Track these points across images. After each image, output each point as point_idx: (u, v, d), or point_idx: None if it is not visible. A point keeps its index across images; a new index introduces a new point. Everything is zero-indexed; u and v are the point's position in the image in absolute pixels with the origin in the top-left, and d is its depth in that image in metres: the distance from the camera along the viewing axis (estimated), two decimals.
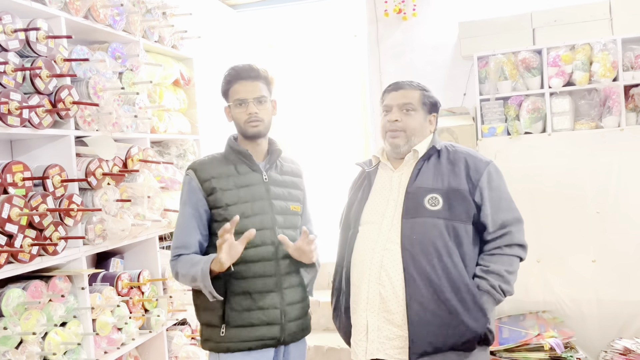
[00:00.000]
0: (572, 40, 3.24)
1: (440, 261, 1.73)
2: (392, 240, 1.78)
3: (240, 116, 1.88)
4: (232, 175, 1.87)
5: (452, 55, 3.92)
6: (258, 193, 1.88)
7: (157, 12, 2.77)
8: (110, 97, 2.32)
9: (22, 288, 1.95)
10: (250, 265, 1.83)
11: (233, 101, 1.89)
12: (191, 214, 1.85)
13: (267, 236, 1.86)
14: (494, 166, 1.87)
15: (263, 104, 1.89)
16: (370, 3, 4.09)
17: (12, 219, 1.83)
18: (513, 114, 3.34)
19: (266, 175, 1.92)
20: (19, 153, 2.22)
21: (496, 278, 1.76)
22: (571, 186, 3.18)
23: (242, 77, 1.88)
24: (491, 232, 1.80)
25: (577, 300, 3.19)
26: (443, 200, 1.77)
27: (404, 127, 1.85)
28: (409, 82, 1.91)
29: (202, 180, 1.85)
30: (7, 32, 1.89)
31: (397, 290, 1.75)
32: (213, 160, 1.92)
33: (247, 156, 1.89)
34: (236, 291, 1.83)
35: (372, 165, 1.97)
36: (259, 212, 1.86)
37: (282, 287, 1.87)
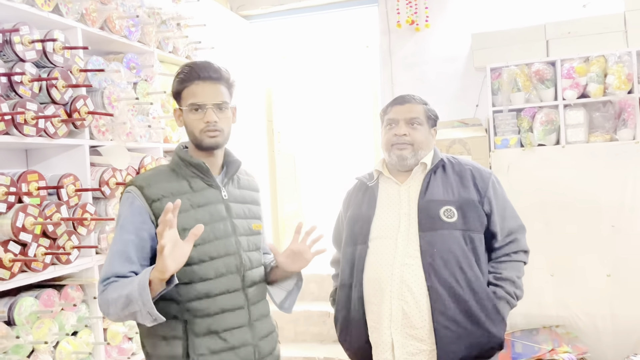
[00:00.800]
0: (586, 52, 3.23)
1: (462, 272, 1.74)
2: (411, 255, 1.77)
3: (195, 124, 1.54)
4: (186, 193, 1.53)
5: (465, 67, 3.91)
6: (217, 213, 1.55)
7: (172, 23, 2.80)
8: (124, 107, 2.34)
9: (34, 297, 1.96)
10: (216, 299, 1.50)
11: (188, 105, 1.54)
12: (128, 240, 1.45)
13: (233, 263, 1.54)
14: (495, 176, 1.92)
15: (223, 111, 1.56)
16: (382, 14, 4.10)
17: (27, 228, 1.85)
18: (526, 126, 3.33)
19: (225, 191, 1.60)
20: (34, 162, 2.24)
21: (510, 284, 1.80)
22: (585, 199, 3.15)
23: (201, 77, 1.53)
24: (499, 240, 1.85)
25: (592, 315, 3.15)
26: (457, 212, 1.79)
27: (412, 141, 1.85)
28: (412, 97, 1.92)
29: (150, 200, 1.48)
30: (25, 43, 1.92)
31: (421, 304, 1.73)
32: (160, 175, 1.56)
33: (204, 169, 1.56)
34: (200, 332, 1.48)
35: (374, 180, 1.96)
36: (221, 236, 1.54)
37: (252, 319, 1.58)
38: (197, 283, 1.49)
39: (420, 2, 3.95)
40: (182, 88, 1.56)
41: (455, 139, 3.44)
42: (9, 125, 1.83)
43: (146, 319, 1.36)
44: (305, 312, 3.82)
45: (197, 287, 1.49)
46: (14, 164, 2.19)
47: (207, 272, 1.50)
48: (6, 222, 1.81)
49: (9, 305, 1.89)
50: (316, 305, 3.93)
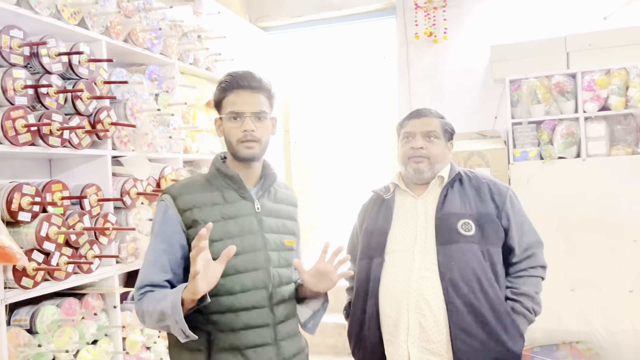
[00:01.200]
0: (607, 65, 3.20)
1: (480, 286, 1.73)
2: (429, 268, 1.76)
3: (233, 132, 1.52)
4: (218, 204, 1.52)
5: (484, 78, 3.90)
6: (248, 226, 1.52)
7: (193, 36, 2.84)
8: (146, 118, 2.37)
9: (56, 305, 1.98)
10: (240, 314, 1.47)
11: (227, 113, 1.53)
12: (162, 249, 1.47)
13: (260, 278, 1.51)
14: (512, 190, 1.91)
15: (262, 121, 1.54)
16: (400, 26, 4.11)
17: (50, 237, 1.87)
18: (546, 138, 3.30)
19: (258, 204, 1.57)
20: (57, 172, 2.28)
21: (528, 300, 1.79)
22: (607, 213, 3.11)
23: (241, 86, 1.53)
24: (517, 255, 1.83)
25: (613, 331, 3.09)
26: (475, 226, 1.78)
27: (429, 155, 1.85)
28: (429, 110, 1.93)
29: (181, 210, 1.49)
30: (51, 55, 1.96)
31: (439, 318, 1.72)
32: (194, 185, 1.55)
33: (237, 181, 1.54)
34: (222, 346, 1.46)
35: (390, 192, 1.95)
36: (250, 249, 1.51)
37: (278, 338, 1.53)
38: (222, 296, 1.46)
39: (438, 14, 3.95)
40: (222, 97, 1.56)
41: (473, 151, 3.43)
42: (35, 136, 1.87)
43: (179, 335, 1.38)
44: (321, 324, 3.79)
45: (221, 300, 1.46)
46: (37, 174, 2.23)
47: (233, 286, 1.47)
48: (30, 231, 1.84)
49: (31, 314, 1.92)
50: (331, 317, 3.91)
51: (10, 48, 1.82)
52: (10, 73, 1.80)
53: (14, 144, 1.79)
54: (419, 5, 3.96)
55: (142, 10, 2.43)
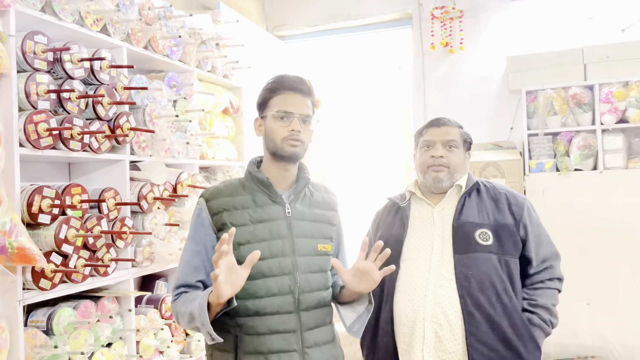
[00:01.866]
0: (625, 77, 3.18)
1: (497, 297, 1.72)
2: (446, 277, 1.75)
3: (279, 130, 1.53)
4: (249, 208, 1.54)
5: (499, 89, 3.89)
6: (277, 230, 1.53)
7: (211, 43, 2.87)
8: (164, 124, 2.40)
9: (72, 307, 2.01)
10: (264, 318, 1.48)
11: (275, 112, 1.54)
12: (195, 251, 1.53)
13: (286, 283, 1.50)
14: (529, 202, 1.91)
15: (307, 125, 1.57)
16: (416, 36, 4.12)
17: (69, 239, 1.90)
18: (562, 150, 3.28)
19: (289, 208, 1.56)
20: (76, 175, 2.31)
21: (545, 312, 1.78)
22: (623, 226, 3.08)
23: (292, 88, 1.56)
24: (535, 266, 1.83)
25: (629, 347, 3.04)
26: (493, 235, 1.78)
27: (448, 164, 1.85)
28: (448, 119, 1.93)
29: (212, 212, 1.53)
30: (74, 61, 1.99)
31: (455, 328, 1.71)
32: (228, 188, 1.58)
33: (267, 185, 1.55)
34: (247, 350, 1.48)
35: (406, 200, 1.95)
36: (277, 254, 1.51)
37: (305, 346, 1.50)
38: (248, 300, 1.48)
39: (455, 25, 3.96)
40: (270, 97, 1.58)
41: (489, 162, 3.41)
42: (56, 140, 1.90)
43: (206, 337, 1.41)
44: None
45: (247, 304, 1.48)
46: (57, 177, 2.26)
47: (258, 290, 1.48)
48: (50, 233, 1.87)
49: (48, 315, 1.94)
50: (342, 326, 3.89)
51: (34, 53, 1.86)
52: (34, 78, 1.84)
53: (36, 147, 1.83)
54: (436, 15, 3.98)
55: (162, 18, 2.47)
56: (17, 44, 1.80)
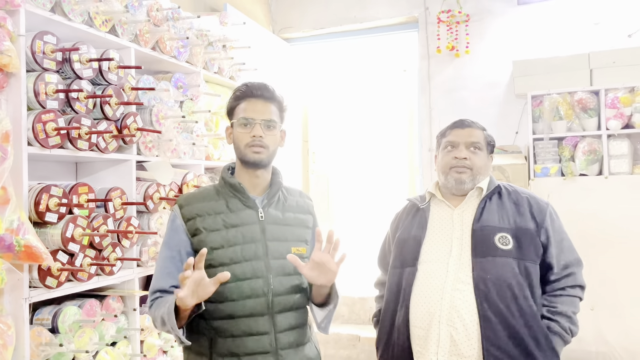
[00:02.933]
0: (631, 83, 3.18)
1: (515, 302, 1.68)
2: (463, 280, 1.72)
3: (242, 137, 1.57)
4: (222, 213, 1.56)
5: (505, 93, 3.89)
6: (250, 234, 1.55)
7: (218, 45, 2.88)
8: (171, 124, 2.41)
9: (77, 306, 2.02)
10: (238, 321, 1.50)
11: (238, 119, 1.58)
12: (169, 257, 1.55)
13: (259, 286, 1.52)
14: (552, 207, 1.87)
15: (271, 130, 1.58)
16: (422, 40, 4.13)
17: (75, 238, 1.91)
18: (568, 155, 3.28)
19: (262, 212, 1.59)
20: (83, 174, 2.32)
21: (565, 320, 1.73)
22: (628, 232, 3.07)
23: (254, 95, 1.59)
24: (556, 273, 1.78)
25: (633, 352, 3.03)
26: (513, 240, 1.75)
27: (472, 166, 1.82)
28: (472, 121, 1.90)
29: (186, 218, 1.56)
30: (83, 61, 2.01)
31: (470, 332, 1.68)
32: (201, 194, 1.62)
33: (240, 190, 1.58)
34: (222, 352, 1.50)
35: (426, 202, 1.93)
36: (250, 257, 1.53)
37: (279, 347, 1.53)
38: (222, 303, 1.51)
39: (461, 29, 3.97)
40: (235, 105, 1.62)
41: (494, 166, 3.41)
42: (64, 139, 1.91)
43: (177, 340, 1.47)
44: (335, 335, 3.80)
45: (221, 307, 1.51)
46: (64, 176, 2.28)
47: (232, 293, 1.50)
48: (57, 232, 1.88)
49: (54, 313, 1.95)
50: (346, 329, 3.90)
51: (43, 53, 1.88)
52: (43, 77, 1.85)
53: (44, 147, 1.84)
54: (442, 19, 3.98)
55: (170, 20, 2.49)
56: (26, 43, 1.82)
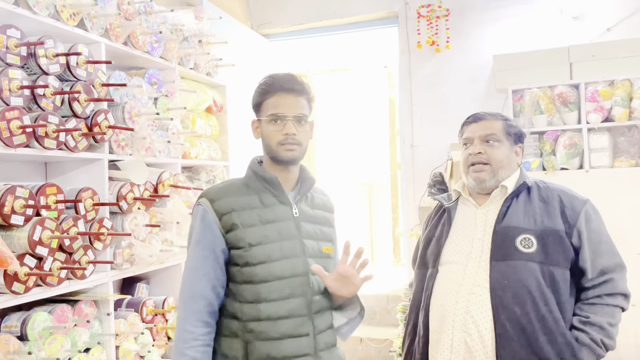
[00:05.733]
0: (611, 76, 3.18)
1: (535, 309, 1.56)
2: (480, 284, 1.62)
3: (274, 135, 1.50)
4: (256, 208, 1.49)
5: (486, 88, 3.88)
6: (287, 231, 1.49)
7: (194, 40, 2.81)
8: (144, 122, 2.34)
9: (48, 312, 1.93)
10: (278, 322, 1.43)
11: (268, 116, 1.50)
12: (205, 256, 1.46)
13: (299, 285, 1.46)
14: (591, 205, 1.70)
15: (303, 125, 1.52)
16: (403, 35, 4.10)
17: (43, 241, 1.83)
18: (549, 149, 3.27)
19: (296, 208, 1.54)
20: (53, 175, 2.24)
21: (598, 331, 1.58)
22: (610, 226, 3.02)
23: (284, 88, 1.51)
24: (590, 279, 1.63)
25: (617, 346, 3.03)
26: (537, 242, 1.61)
27: (489, 160, 1.70)
28: (489, 113, 1.78)
29: (220, 213, 1.46)
30: (49, 56, 1.92)
31: (486, 339, 1.58)
32: (231, 188, 1.53)
33: (275, 184, 1.52)
34: (260, 356, 1.42)
35: (452, 201, 1.82)
36: (289, 255, 1.47)
37: (318, 349, 1.47)
38: (260, 303, 1.43)
39: (441, 23, 3.94)
40: (262, 99, 1.54)
41: None
42: (30, 138, 1.83)
43: None
44: None
45: (259, 307, 1.43)
46: (33, 177, 2.19)
47: (271, 293, 1.43)
48: (23, 235, 1.79)
49: (22, 320, 1.87)
50: None
51: (6, 48, 1.79)
52: (7, 73, 1.77)
53: (9, 146, 1.75)
54: (422, 14, 3.95)
55: (142, 13, 2.41)
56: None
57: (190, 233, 1.52)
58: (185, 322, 1.44)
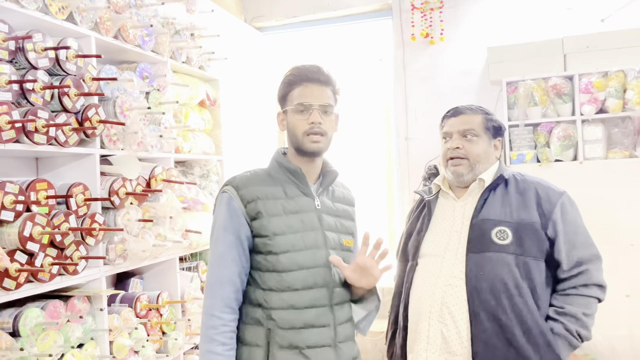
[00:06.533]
0: (605, 67, 3.17)
1: (510, 300, 1.59)
2: (456, 276, 1.66)
3: (299, 124, 1.51)
4: (280, 198, 1.51)
5: (480, 80, 3.87)
6: (309, 222, 1.51)
7: (186, 34, 2.79)
8: (136, 116, 2.32)
9: (40, 308, 1.93)
10: (301, 312, 1.45)
11: (294, 105, 1.52)
12: (232, 242, 1.47)
13: (322, 276, 1.48)
14: (567, 197, 1.73)
15: (328, 115, 1.53)
16: (397, 27, 4.08)
17: (34, 237, 1.81)
18: (543, 141, 3.27)
19: (318, 201, 1.56)
20: (44, 170, 2.22)
21: (572, 321, 1.61)
22: (604, 217, 3.07)
23: (310, 79, 1.53)
24: (566, 270, 1.66)
25: (610, 336, 3.05)
26: (512, 234, 1.64)
27: (467, 154, 1.74)
28: (469, 107, 1.81)
29: (245, 201, 1.49)
30: (38, 50, 1.90)
31: (461, 329, 1.62)
32: (256, 177, 1.55)
33: (300, 176, 1.54)
34: (282, 344, 1.44)
35: (432, 194, 1.86)
36: (311, 246, 1.49)
37: (338, 340, 1.49)
38: (284, 292, 1.46)
39: (435, 15, 3.92)
40: (289, 90, 1.56)
41: None
42: (20, 133, 1.81)
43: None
44: None
45: (283, 296, 1.46)
46: (24, 173, 2.17)
47: (295, 282, 1.46)
48: (13, 231, 1.78)
49: (14, 316, 1.86)
50: None
51: None
52: None
53: None
54: (416, 6, 3.93)
55: (133, 7, 2.38)
56: None
57: (215, 220, 1.53)
58: (214, 308, 1.46)
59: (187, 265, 2.85)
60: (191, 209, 2.75)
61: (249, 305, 1.50)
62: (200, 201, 2.79)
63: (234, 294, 1.48)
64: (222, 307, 1.47)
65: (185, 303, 2.64)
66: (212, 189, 3.02)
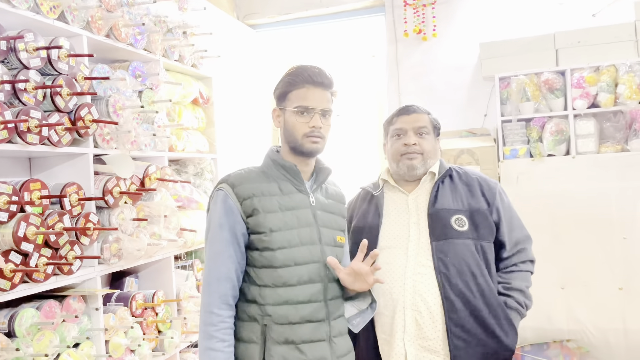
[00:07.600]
0: (596, 62, 3.20)
1: (475, 282, 1.73)
2: (424, 264, 1.75)
3: (299, 127, 1.53)
4: (276, 195, 1.53)
5: (473, 76, 3.88)
6: (305, 218, 1.54)
7: (178, 32, 2.78)
8: (129, 115, 2.31)
9: (35, 308, 1.92)
10: (297, 307, 1.48)
11: (295, 107, 1.53)
12: (228, 239, 1.49)
13: (316, 271, 1.52)
14: (500, 186, 1.92)
15: (327, 119, 1.57)
16: (389, 23, 4.08)
17: (28, 237, 1.81)
18: (536, 136, 3.29)
19: (313, 197, 1.59)
20: (37, 170, 2.21)
21: (520, 294, 1.80)
22: (596, 210, 3.10)
23: (313, 82, 1.54)
24: (508, 250, 1.85)
25: (603, 329, 3.08)
26: (468, 221, 1.79)
27: (422, 150, 1.86)
28: (417, 107, 1.93)
29: (241, 198, 1.50)
30: (29, 50, 1.89)
31: (435, 315, 1.72)
32: (251, 175, 1.57)
33: (295, 173, 1.56)
34: (277, 339, 1.46)
35: (379, 189, 1.95)
36: (307, 242, 1.53)
37: (332, 335, 1.53)
38: (280, 288, 1.49)
39: (427, 11, 3.93)
40: (290, 90, 1.57)
41: (463, 149, 3.40)
42: (12, 133, 1.80)
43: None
44: None
45: (279, 292, 1.49)
46: (17, 173, 2.16)
47: (291, 278, 1.49)
48: (7, 231, 1.78)
49: (10, 317, 1.86)
50: None
51: None
52: None
53: None
54: (408, 2, 3.94)
55: (124, 5, 2.37)
56: None
57: (210, 218, 1.55)
58: (212, 305, 1.48)
59: (182, 264, 2.85)
60: (185, 208, 2.75)
61: (244, 301, 1.52)
62: (194, 199, 2.79)
63: (231, 290, 1.50)
64: (220, 304, 1.48)
65: (180, 301, 2.64)
66: (207, 187, 3.02)
